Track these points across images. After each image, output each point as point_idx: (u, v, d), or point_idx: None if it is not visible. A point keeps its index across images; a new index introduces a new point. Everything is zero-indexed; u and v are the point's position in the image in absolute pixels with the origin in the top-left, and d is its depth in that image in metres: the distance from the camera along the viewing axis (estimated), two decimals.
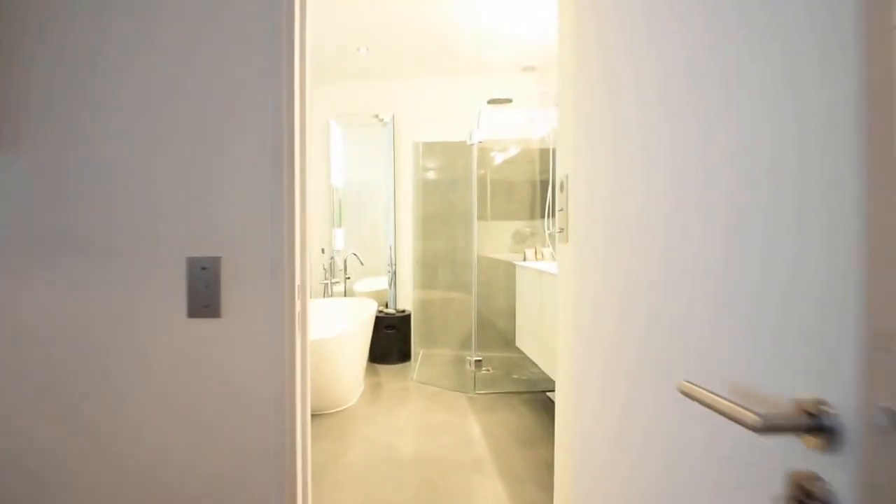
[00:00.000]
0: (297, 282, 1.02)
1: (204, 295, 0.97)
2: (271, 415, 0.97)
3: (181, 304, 0.97)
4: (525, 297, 2.34)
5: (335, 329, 2.92)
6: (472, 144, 2.61)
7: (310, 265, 1.10)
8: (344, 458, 1.86)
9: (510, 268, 3.28)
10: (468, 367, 2.58)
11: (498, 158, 3.49)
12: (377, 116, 3.51)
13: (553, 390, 2.50)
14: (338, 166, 3.62)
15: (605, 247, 0.94)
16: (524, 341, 2.42)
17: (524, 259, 2.58)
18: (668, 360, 0.64)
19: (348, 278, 3.56)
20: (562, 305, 1.33)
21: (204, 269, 0.98)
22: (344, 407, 2.35)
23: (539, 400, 2.46)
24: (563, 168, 1.38)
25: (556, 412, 1.24)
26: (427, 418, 2.24)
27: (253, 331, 0.98)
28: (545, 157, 3.19)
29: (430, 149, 3.49)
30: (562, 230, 1.34)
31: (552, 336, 1.92)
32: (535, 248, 2.58)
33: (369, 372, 2.97)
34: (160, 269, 0.97)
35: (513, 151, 3.46)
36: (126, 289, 0.95)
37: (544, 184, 3.22)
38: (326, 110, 3.58)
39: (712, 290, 0.56)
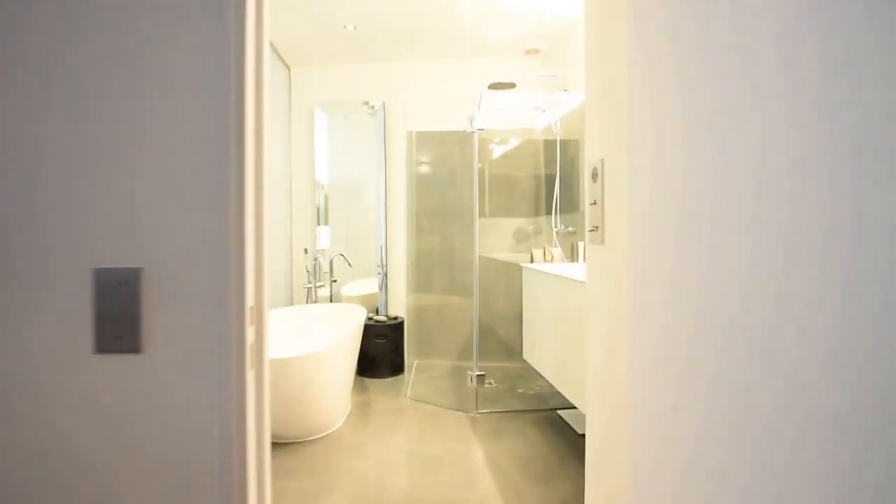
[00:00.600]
0: (250, 302, 0.73)
1: (118, 322, 0.68)
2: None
3: (84, 335, 0.68)
4: (535, 304, 2.07)
5: (318, 342, 2.62)
6: (472, 132, 2.32)
7: (268, 279, 0.81)
8: (323, 502, 1.56)
9: (512, 269, 3.00)
10: (469, 382, 2.30)
11: (499, 150, 3.21)
12: (367, 103, 3.20)
13: (565, 407, 2.23)
14: (323, 158, 3.30)
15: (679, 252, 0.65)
16: (534, 354, 2.15)
17: (531, 260, 2.31)
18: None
19: (335, 281, 3.25)
20: (593, 319, 1.06)
21: (120, 285, 0.68)
22: (327, 432, 2.05)
23: (549, 420, 2.19)
24: (595, 151, 1.09)
25: (589, 455, 0.97)
26: (424, 446, 1.95)
27: (187, 372, 0.69)
28: (551, 148, 2.91)
29: (424, 139, 3.19)
30: (595, 229, 1.05)
31: (573, 352, 1.65)
32: (544, 247, 2.30)
33: (357, 388, 2.67)
34: (52, 284, 0.67)
35: (514, 143, 3.18)
36: None
37: (550, 178, 2.95)
38: (311, 96, 3.26)
39: None
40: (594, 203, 1.06)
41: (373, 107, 3.18)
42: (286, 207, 3.24)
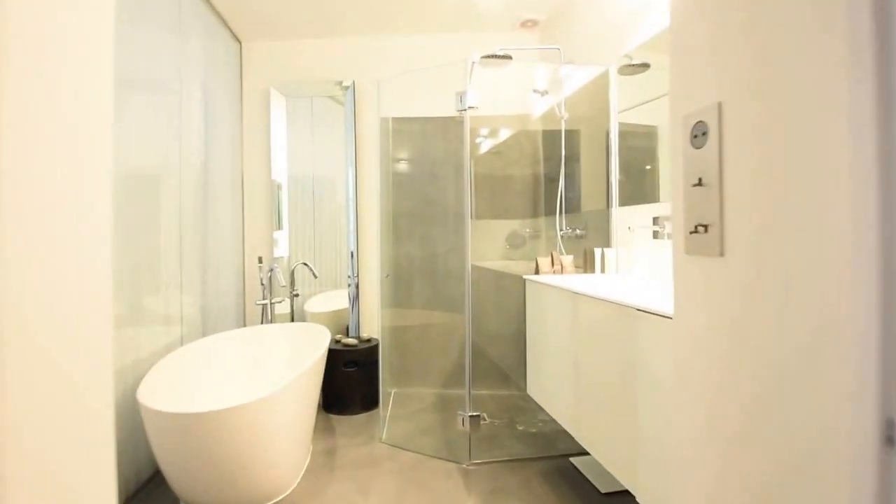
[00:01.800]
0: None
1: None
2: None
3: None
4: (546, 328, 1.63)
5: (271, 376, 2.11)
6: (462, 111, 1.87)
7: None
8: None
9: (505, 280, 2.57)
10: (461, 424, 1.83)
11: (490, 140, 2.78)
12: (339, 83, 2.72)
13: (579, 453, 1.80)
14: (282, 149, 2.80)
15: None
16: (543, 392, 1.70)
17: (536, 271, 1.87)
18: None
19: (296, 295, 2.74)
20: (692, 377, 0.63)
21: None
22: (278, 498, 1.56)
23: (561, 470, 1.75)
24: (698, 95, 0.66)
25: None
26: None
27: None
28: (551, 139, 2.51)
29: (403, 126, 2.74)
30: (701, 229, 0.63)
31: (611, 405, 1.21)
32: (552, 255, 1.87)
33: (321, 429, 2.17)
34: None
35: (507, 133, 2.76)
36: None
37: (550, 174, 2.54)
38: (266, 76, 2.75)
39: None
40: (698, 184, 0.62)
41: (346, 87, 2.70)
42: (236, 208, 2.72)
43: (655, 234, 1.52)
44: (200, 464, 1.38)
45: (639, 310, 1.03)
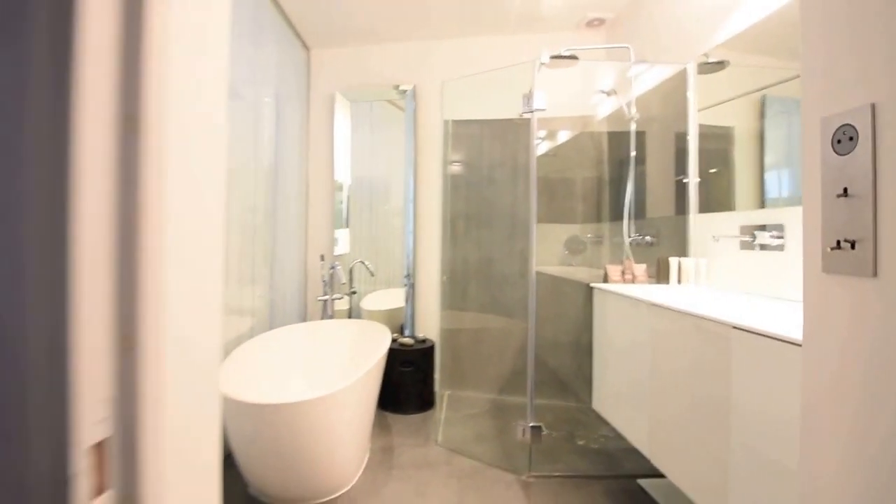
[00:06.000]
0: (90, 435, 0.28)
1: None
2: None
3: None
4: (618, 341, 1.55)
5: (333, 371, 2.17)
6: (528, 115, 1.83)
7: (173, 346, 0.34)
8: None
9: (564, 286, 2.49)
10: (521, 435, 1.79)
11: (549, 142, 2.71)
12: (397, 87, 2.77)
13: (648, 475, 1.70)
14: (345, 151, 2.89)
15: None
16: (611, 408, 1.62)
17: (604, 279, 1.79)
18: None
19: (354, 292, 2.81)
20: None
21: None
22: (337, 494, 1.59)
23: (629, 493, 1.66)
24: (838, 96, 0.59)
25: None
26: None
27: None
28: (618, 140, 2.40)
29: (462, 129, 2.73)
30: (845, 245, 0.58)
31: (694, 426, 1.13)
32: (623, 263, 1.78)
33: (378, 426, 2.21)
34: None
35: (567, 134, 2.69)
36: None
37: (615, 176, 2.44)
38: (332, 82, 2.85)
39: None
40: (843, 194, 0.56)
41: (403, 91, 2.74)
42: (301, 207, 2.83)
43: (744, 245, 1.40)
44: (271, 453, 1.44)
45: (756, 333, 0.94)
